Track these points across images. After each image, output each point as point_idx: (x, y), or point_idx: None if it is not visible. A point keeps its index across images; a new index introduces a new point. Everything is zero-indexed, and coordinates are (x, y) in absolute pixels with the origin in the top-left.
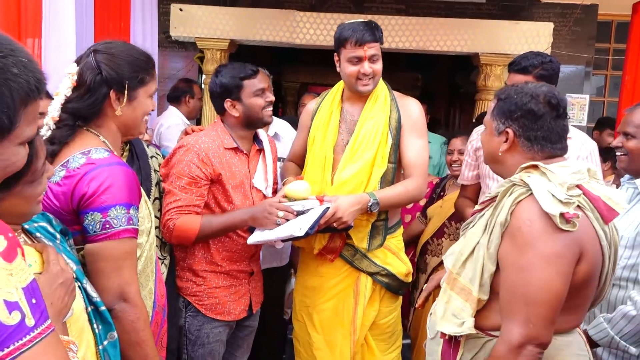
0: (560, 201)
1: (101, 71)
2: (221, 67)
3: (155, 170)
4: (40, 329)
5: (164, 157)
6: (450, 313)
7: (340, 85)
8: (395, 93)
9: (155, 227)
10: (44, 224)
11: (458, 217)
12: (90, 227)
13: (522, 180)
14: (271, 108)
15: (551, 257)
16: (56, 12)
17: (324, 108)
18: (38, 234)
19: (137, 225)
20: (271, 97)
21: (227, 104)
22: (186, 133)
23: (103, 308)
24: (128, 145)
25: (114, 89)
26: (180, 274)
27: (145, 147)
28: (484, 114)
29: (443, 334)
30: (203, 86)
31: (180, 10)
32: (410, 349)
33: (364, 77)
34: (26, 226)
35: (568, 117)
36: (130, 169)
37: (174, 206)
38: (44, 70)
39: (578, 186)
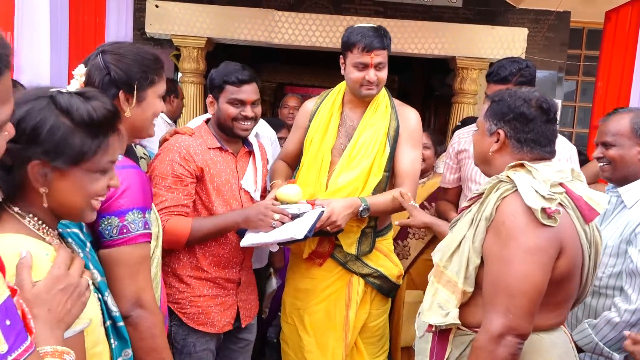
0: (543, 197)
1: (110, 71)
2: (224, 63)
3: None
4: (15, 354)
5: (149, 157)
6: (436, 304)
7: (341, 87)
8: (395, 101)
9: None
10: (76, 230)
11: (436, 198)
12: (107, 232)
13: (508, 177)
14: (248, 123)
15: (532, 250)
16: (30, 6)
17: (324, 110)
18: (70, 240)
19: (151, 230)
20: (248, 113)
21: (209, 99)
22: (176, 132)
23: (121, 324)
24: None
25: (123, 90)
26: (164, 279)
27: (134, 147)
28: (469, 118)
29: (430, 327)
30: (179, 84)
31: (156, 6)
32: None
33: (368, 83)
34: (59, 230)
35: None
36: (143, 172)
37: (161, 207)
38: (16, 65)
39: (561, 184)
